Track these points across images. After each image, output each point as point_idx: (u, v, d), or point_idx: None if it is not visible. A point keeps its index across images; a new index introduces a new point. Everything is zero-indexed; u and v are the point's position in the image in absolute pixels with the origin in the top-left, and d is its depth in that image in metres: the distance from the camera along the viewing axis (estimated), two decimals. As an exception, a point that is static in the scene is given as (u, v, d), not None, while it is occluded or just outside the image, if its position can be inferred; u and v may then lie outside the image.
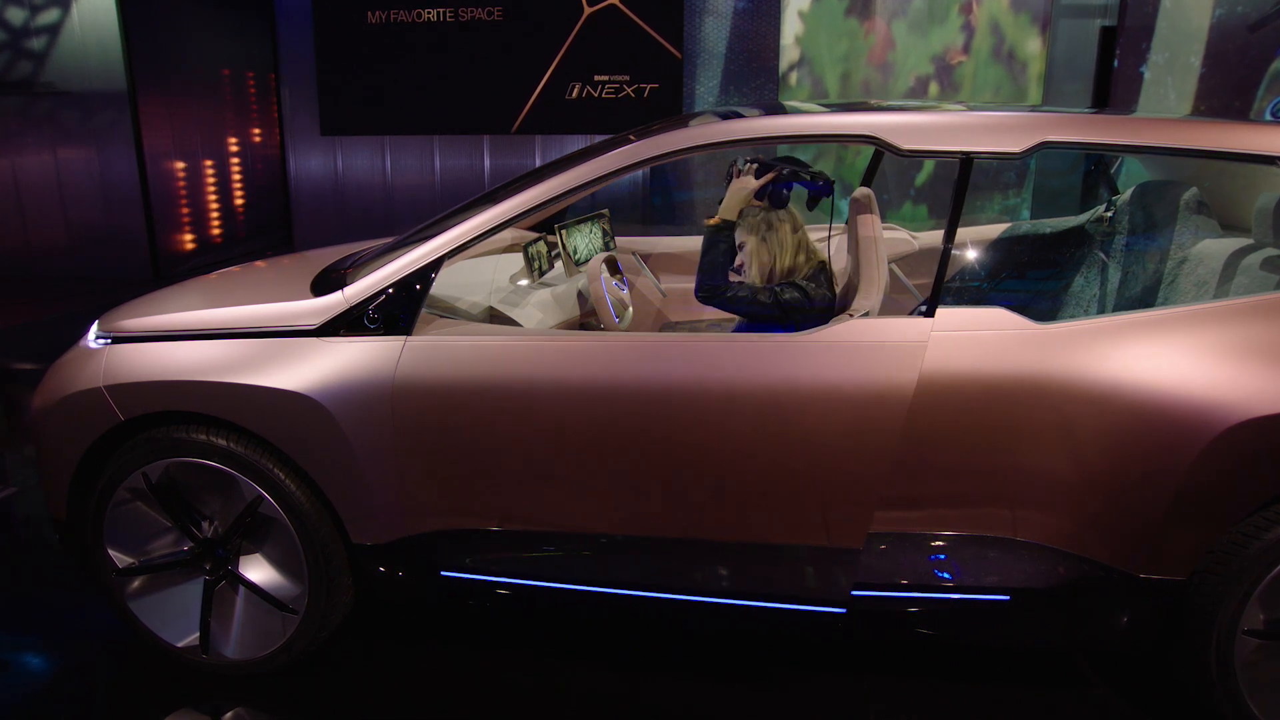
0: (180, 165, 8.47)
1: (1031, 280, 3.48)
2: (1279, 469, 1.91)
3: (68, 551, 2.51)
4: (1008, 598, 2.10)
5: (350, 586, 2.36)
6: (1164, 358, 1.96)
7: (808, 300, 2.54)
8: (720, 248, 2.54)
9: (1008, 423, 2.00)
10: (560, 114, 7.75)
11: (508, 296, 3.02)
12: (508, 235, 3.26)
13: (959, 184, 2.12)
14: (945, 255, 2.13)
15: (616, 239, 3.54)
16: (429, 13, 7.74)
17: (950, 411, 2.01)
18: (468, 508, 2.25)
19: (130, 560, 2.39)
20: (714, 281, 2.53)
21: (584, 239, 3.37)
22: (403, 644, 2.59)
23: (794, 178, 2.56)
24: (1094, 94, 6.98)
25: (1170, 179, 2.95)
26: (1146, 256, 2.87)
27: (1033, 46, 6.88)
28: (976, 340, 2.01)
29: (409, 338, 2.18)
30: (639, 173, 7.22)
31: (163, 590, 2.42)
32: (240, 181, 9.34)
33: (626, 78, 7.58)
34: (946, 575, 2.13)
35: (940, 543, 2.12)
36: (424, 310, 2.24)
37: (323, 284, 2.41)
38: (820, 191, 2.57)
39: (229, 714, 2.34)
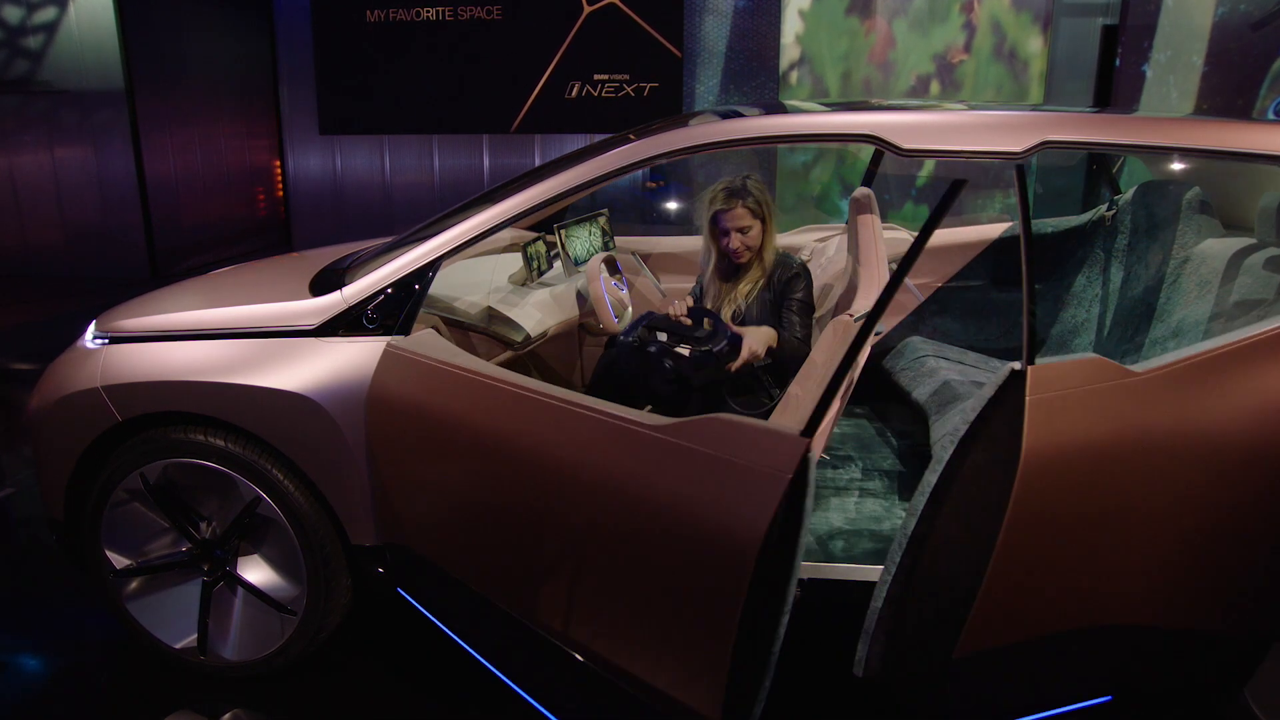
0: (178, 164, 8.45)
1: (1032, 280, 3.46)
2: None
3: (65, 552, 2.49)
4: (1109, 698, 1.84)
5: (349, 588, 2.34)
6: (1266, 391, 1.70)
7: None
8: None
9: (1114, 493, 1.69)
10: (560, 113, 7.74)
11: (506, 297, 3.01)
12: (507, 235, 3.25)
13: (1026, 244, 1.76)
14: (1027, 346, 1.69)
15: (616, 239, 3.53)
16: (428, 11, 7.73)
17: (1057, 488, 1.66)
18: (409, 529, 2.19)
19: (128, 561, 2.38)
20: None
21: (583, 239, 3.36)
22: (403, 644, 2.58)
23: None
24: (1095, 93, 6.96)
25: (1172, 179, 2.94)
26: (1149, 256, 2.86)
27: (1034, 45, 6.87)
28: (1077, 401, 1.67)
29: (390, 342, 2.16)
30: (639, 172, 7.21)
31: (161, 591, 2.41)
32: (238, 181, 9.32)
33: (626, 77, 7.57)
34: (1044, 689, 1.82)
35: (1034, 650, 1.78)
36: (422, 311, 2.23)
37: (321, 284, 2.40)
38: (715, 359, 2.44)
39: (227, 716, 2.33)
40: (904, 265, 1.62)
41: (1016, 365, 1.68)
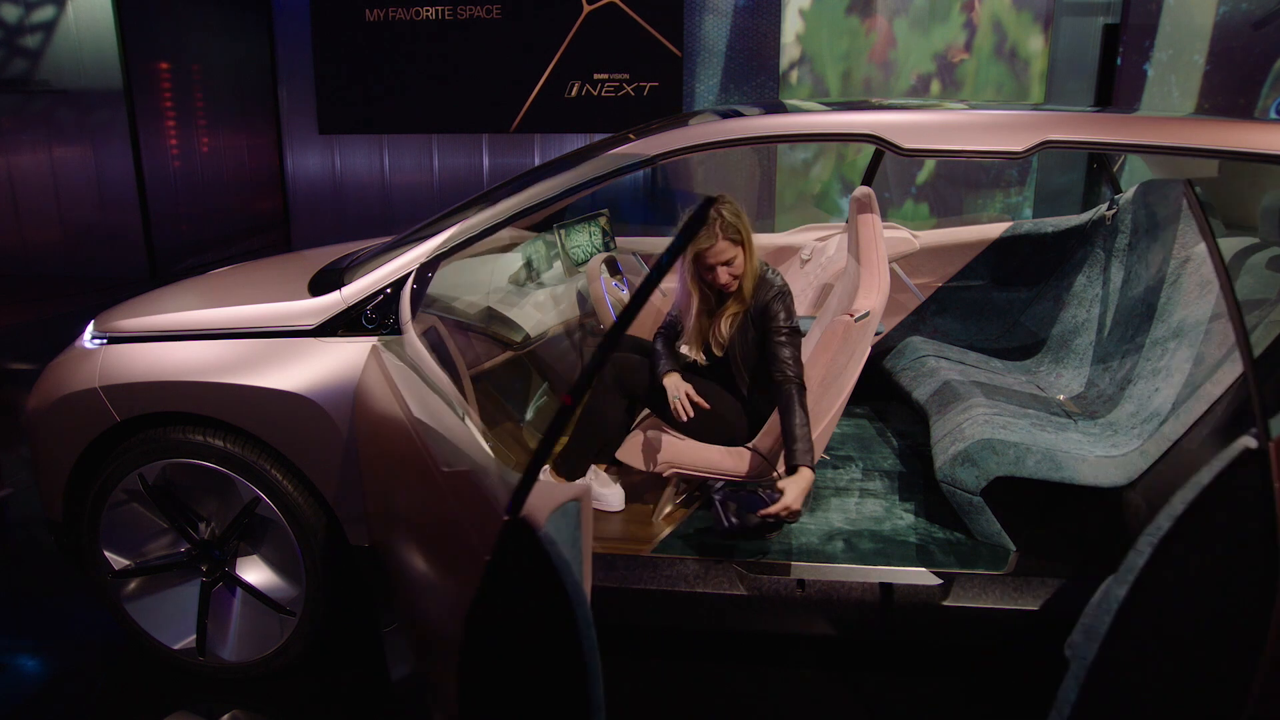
0: (177, 164, 8.44)
1: (1033, 280, 3.46)
2: None
3: (63, 553, 2.49)
4: None
5: (349, 588, 2.34)
6: None
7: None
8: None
9: None
10: (559, 113, 7.73)
11: (506, 297, 3.01)
12: (507, 235, 3.25)
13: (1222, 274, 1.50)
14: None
15: (616, 239, 3.53)
16: (427, 10, 7.72)
17: None
18: (371, 529, 2.17)
19: (126, 562, 2.37)
20: None
21: (583, 239, 3.36)
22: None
23: None
24: (1097, 92, 6.95)
25: (1172, 178, 2.93)
26: (1149, 256, 2.86)
27: (1035, 44, 6.86)
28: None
29: (376, 343, 2.16)
30: (639, 172, 7.20)
31: (159, 592, 2.41)
32: (237, 180, 9.31)
33: (626, 76, 7.56)
34: None
35: None
36: (422, 310, 2.22)
37: (320, 284, 2.40)
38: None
39: (226, 717, 2.32)
40: (655, 271, 1.24)
41: (1251, 443, 1.32)
